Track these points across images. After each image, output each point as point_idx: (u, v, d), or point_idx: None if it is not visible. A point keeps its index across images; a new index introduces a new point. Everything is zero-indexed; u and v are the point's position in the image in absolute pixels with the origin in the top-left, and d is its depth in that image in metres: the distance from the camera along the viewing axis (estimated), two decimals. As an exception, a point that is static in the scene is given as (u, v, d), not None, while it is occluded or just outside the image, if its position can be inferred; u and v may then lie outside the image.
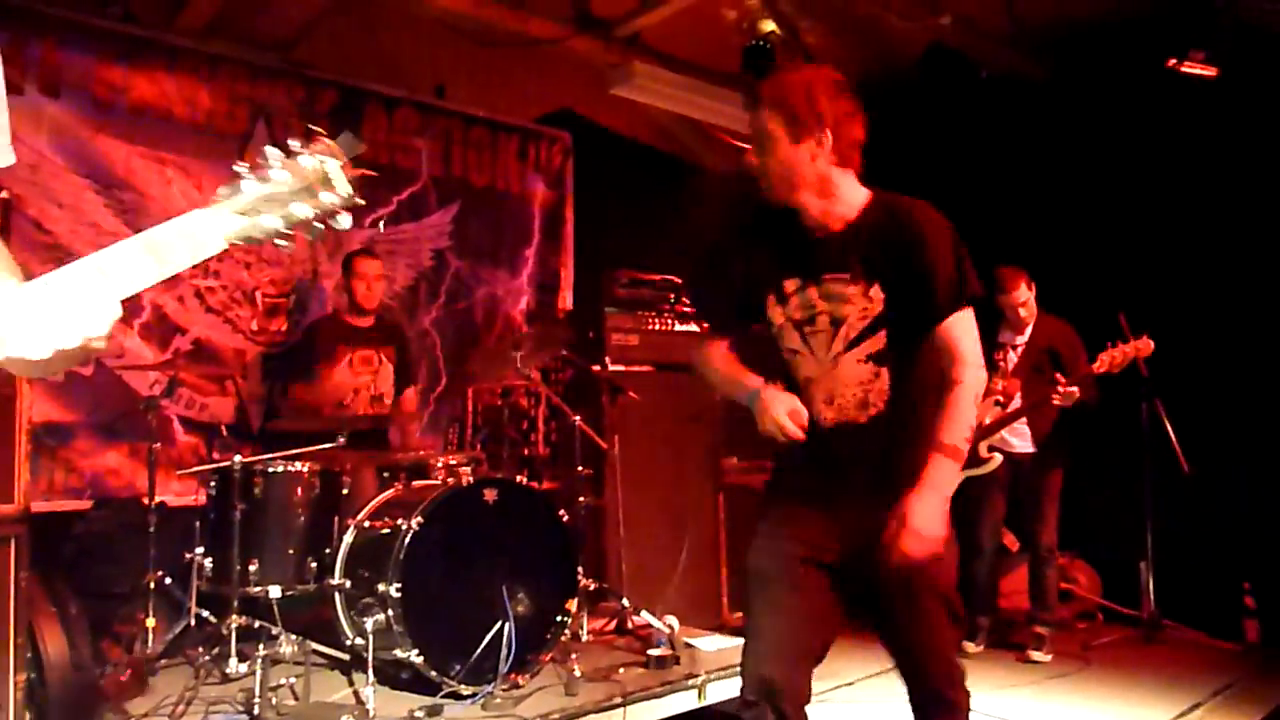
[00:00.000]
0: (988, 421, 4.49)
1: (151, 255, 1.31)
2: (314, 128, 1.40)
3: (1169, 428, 4.53)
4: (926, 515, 2.01)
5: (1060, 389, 4.24)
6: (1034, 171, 5.43)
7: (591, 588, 4.14)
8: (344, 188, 1.37)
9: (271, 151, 1.35)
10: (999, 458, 4.49)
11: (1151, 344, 4.20)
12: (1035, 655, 4.48)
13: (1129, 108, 5.08)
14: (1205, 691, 3.94)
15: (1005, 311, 4.60)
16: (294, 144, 1.36)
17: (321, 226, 1.38)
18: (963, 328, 2.12)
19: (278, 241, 1.37)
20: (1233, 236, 4.84)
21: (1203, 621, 4.80)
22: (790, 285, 2.20)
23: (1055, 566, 4.62)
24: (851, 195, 2.20)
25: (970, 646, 4.64)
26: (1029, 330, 4.61)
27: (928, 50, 5.10)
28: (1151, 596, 4.80)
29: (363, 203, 1.41)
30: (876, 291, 2.12)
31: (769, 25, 5.32)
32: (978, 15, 5.03)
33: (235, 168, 1.35)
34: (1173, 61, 4.54)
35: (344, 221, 1.39)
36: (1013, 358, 4.62)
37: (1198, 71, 4.52)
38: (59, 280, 1.28)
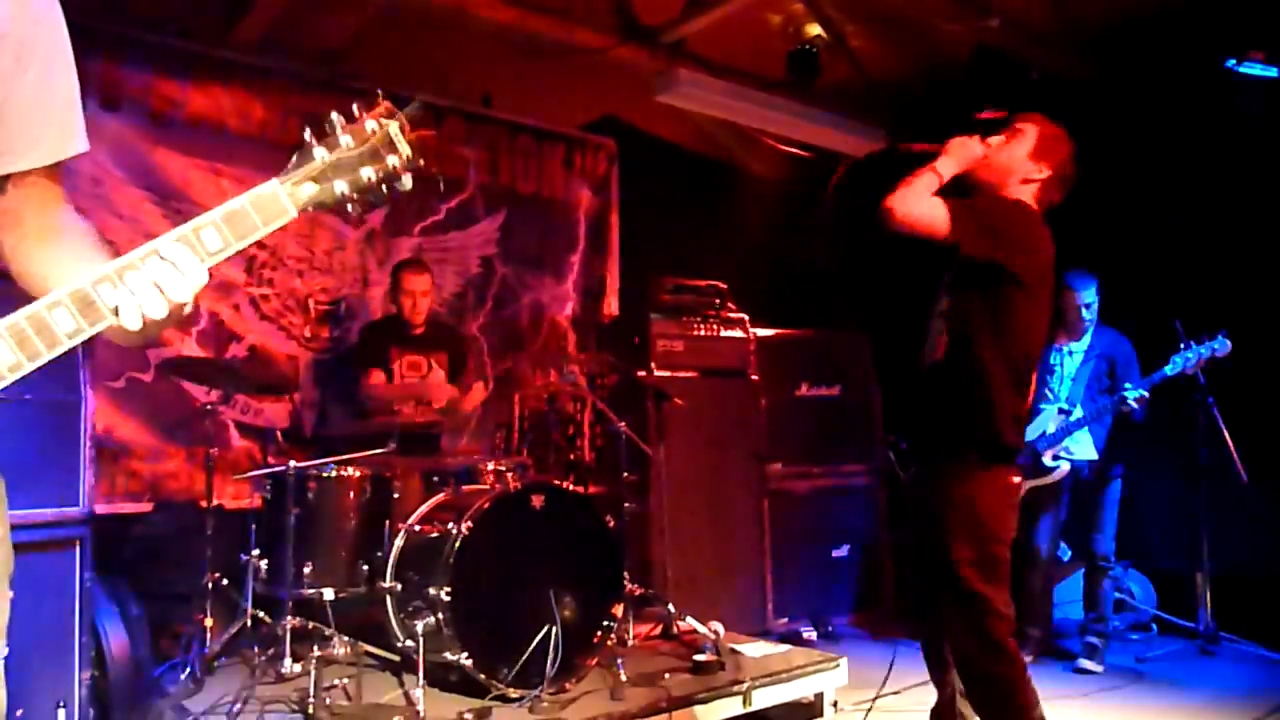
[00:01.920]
0: (1051, 429, 4.46)
1: (229, 226, 1.35)
2: (376, 92, 1.43)
3: (1226, 435, 4.43)
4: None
5: (1129, 397, 4.19)
6: (1087, 174, 5.33)
7: (637, 593, 4.15)
8: (405, 149, 1.41)
9: (335, 118, 1.39)
10: (1066, 466, 4.45)
11: (1229, 344, 4.11)
12: (1087, 665, 4.41)
13: (1184, 106, 4.98)
14: (1264, 706, 3.85)
15: (1067, 312, 4.56)
16: (356, 109, 1.41)
17: (387, 190, 1.41)
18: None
19: (348, 207, 1.40)
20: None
21: (1261, 634, 4.69)
22: None
23: (1111, 576, 4.55)
24: None
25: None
26: (1087, 338, 4.56)
27: (976, 52, 5.05)
28: (1208, 608, 4.70)
29: (422, 163, 1.43)
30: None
31: (814, 29, 5.31)
32: (1026, 15, 4.97)
33: (304, 135, 1.39)
34: (1231, 62, 4.44)
35: (407, 182, 1.42)
36: (1069, 364, 4.58)
37: (1257, 71, 4.42)
38: (149, 250, 1.30)
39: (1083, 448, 4.50)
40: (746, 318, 5.24)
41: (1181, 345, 4.18)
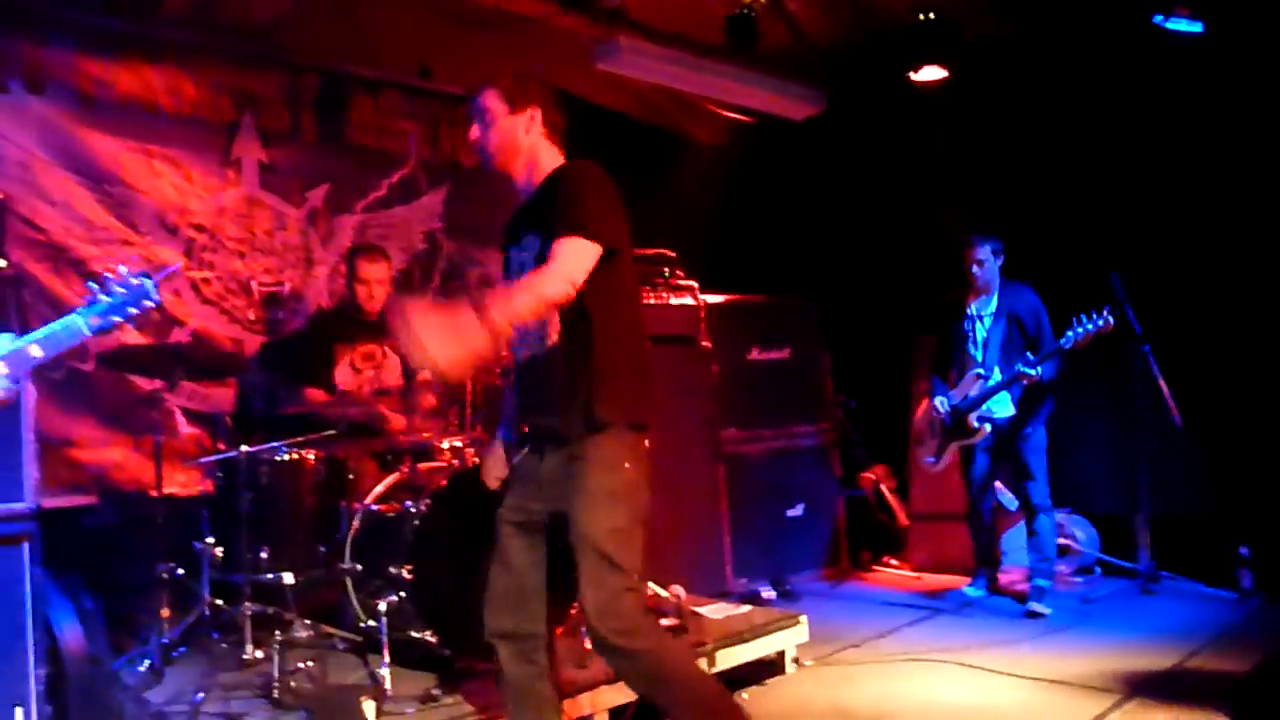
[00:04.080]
0: (973, 394, 4.64)
1: (47, 343, 2.11)
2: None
3: (1161, 380, 4.59)
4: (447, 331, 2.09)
5: (1027, 372, 4.39)
6: (1019, 133, 5.44)
7: (598, 561, 4.17)
8: (155, 297, 2.16)
9: (109, 274, 2.14)
10: (987, 427, 4.64)
11: (1113, 322, 4.28)
12: (1036, 608, 4.57)
13: (1113, 64, 5.09)
14: (1201, 640, 4.02)
15: (966, 271, 4.72)
16: (123, 269, 2.15)
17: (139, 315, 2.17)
18: (563, 249, 2.27)
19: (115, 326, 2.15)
20: (1219, 189, 4.87)
21: (1198, 571, 4.88)
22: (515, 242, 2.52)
23: (1049, 520, 4.71)
24: (549, 166, 2.51)
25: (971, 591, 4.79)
26: (995, 299, 4.70)
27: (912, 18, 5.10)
28: (1148, 549, 4.88)
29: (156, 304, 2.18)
30: (536, 239, 2.39)
31: (752, -7, 5.30)
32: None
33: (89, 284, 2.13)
34: (1158, 17, 4.53)
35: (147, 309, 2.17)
36: (981, 329, 4.73)
37: (1184, 27, 4.52)
38: None
39: (1003, 407, 4.68)
40: (696, 284, 5.26)
41: (1075, 319, 4.31)
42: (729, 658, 3.59)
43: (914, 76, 5.30)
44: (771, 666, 3.80)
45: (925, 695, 3.54)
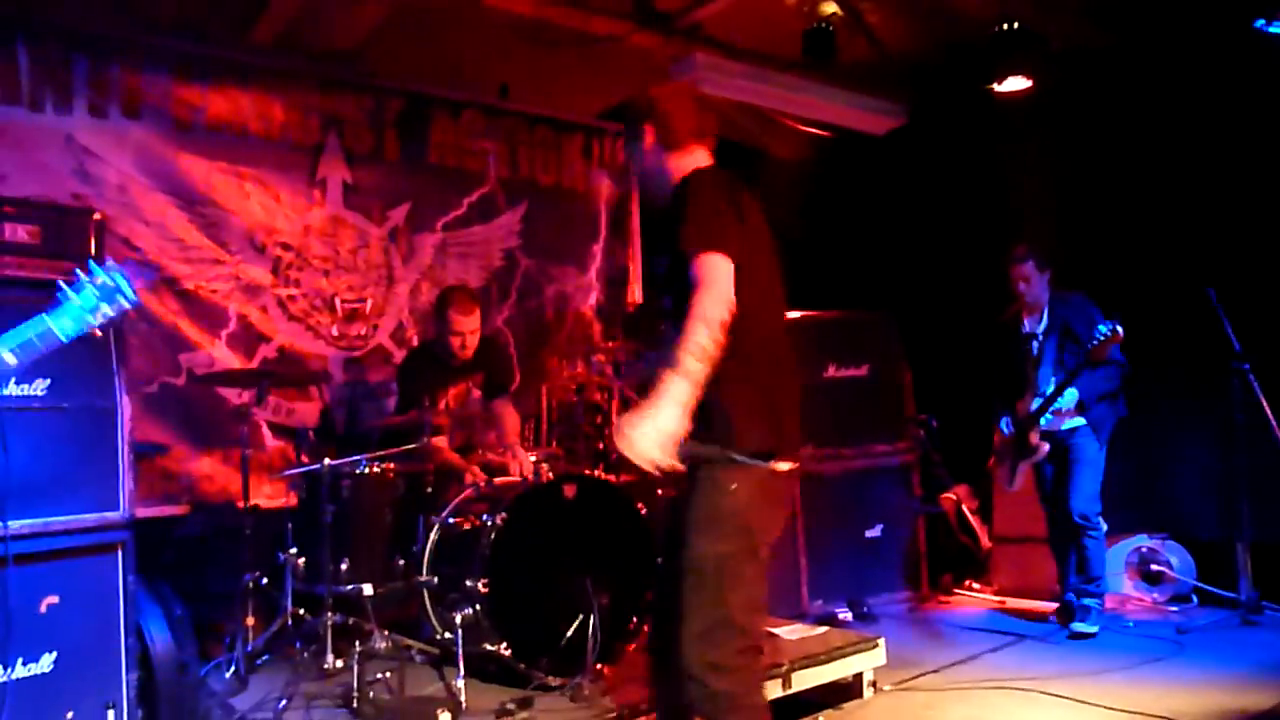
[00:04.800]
0: (1034, 409, 4.52)
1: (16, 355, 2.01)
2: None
3: (1263, 400, 4.37)
4: (640, 420, 2.08)
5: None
6: (1107, 144, 5.27)
7: (672, 579, 4.15)
8: (130, 294, 2.11)
9: (81, 272, 2.08)
10: (1048, 446, 4.53)
11: (1121, 331, 4.16)
12: (1079, 627, 4.41)
13: (1210, 72, 4.89)
14: (1310, 674, 3.81)
15: (1013, 290, 4.68)
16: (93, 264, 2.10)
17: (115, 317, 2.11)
18: (703, 265, 2.23)
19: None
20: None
21: (1305, 602, 4.63)
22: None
23: (1095, 540, 4.54)
24: (677, 175, 2.48)
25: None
26: (1045, 314, 4.64)
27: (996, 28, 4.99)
28: (1249, 577, 4.65)
29: (133, 303, 2.12)
30: (664, 253, 2.39)
31: (830, 7, 5.26)
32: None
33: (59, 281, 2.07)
34: (1260, 21, 4.35)
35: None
36: (1034, 348, 4.62)
37: (1288, 30, 4.33)
38: None
39: (1060, 418, 4.56)
40: (773, 301, 5.21)
41: (1096, 338, 4.20)
42: (804, 679, 3.52)
43: (997, 88, 5.19)
44: (848, 690, 3.72)
45: (1010, 725, 3.42)
